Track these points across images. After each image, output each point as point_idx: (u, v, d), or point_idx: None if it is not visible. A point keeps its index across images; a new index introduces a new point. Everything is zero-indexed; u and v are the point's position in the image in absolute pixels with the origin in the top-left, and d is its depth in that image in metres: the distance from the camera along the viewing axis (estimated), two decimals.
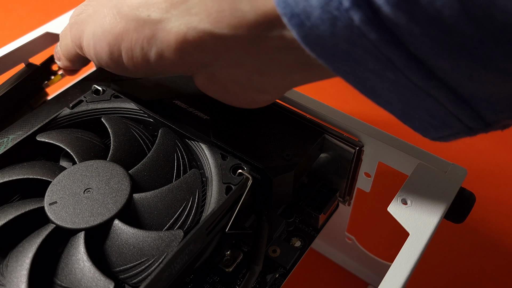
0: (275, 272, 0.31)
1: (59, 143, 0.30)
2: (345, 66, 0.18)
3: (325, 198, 0.34)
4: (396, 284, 0.24)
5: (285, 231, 0.33)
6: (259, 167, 0.29)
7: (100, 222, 0.25)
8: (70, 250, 0.25)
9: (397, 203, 0.27)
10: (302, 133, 0.31)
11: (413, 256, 0.25)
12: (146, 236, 0.25)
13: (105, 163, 0.28)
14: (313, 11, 0.16)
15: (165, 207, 0.27)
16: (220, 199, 0.27)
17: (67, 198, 0.26)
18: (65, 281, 0.24)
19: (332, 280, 0.46)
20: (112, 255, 0.25)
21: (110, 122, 0.31)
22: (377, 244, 0.47)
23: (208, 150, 0.29)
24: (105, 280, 0.23)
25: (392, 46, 0.16)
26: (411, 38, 0.16)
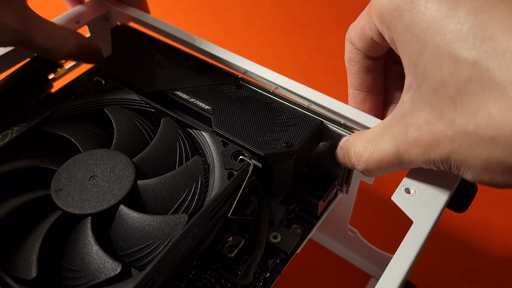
0: (276, 257, 0.31)
1: (63, 133, 0.30)
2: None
3: (324, 186, 0.34)
4: (400, 270, 0.25)
5: (285, 218, 0.34)
6: (260, 155, 0.30)
7: (106, 207, 0.26)
8: (78, 235, 0.25)
9: (401, 192, 0.28)
10: (302, 121, 0.32)
11: (417, 243, 0.26)
12: (151, 220, 0.26)
13: (109, 151, 0.29)
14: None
15: (169, 193, 0.27)
16: (223, 184, 0.27)
17: (73, 185, 0.27)
18: (73, 264, 0.25)
19: (335, 273, 0.47)
20: (118, 239, 0.26)
21: (113, 112, 0.32)
22: (379, 236, 0.47)
23: (210, 138, 0.30)
24: (113, 262, 0.24)
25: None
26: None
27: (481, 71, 0.20)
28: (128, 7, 0.41)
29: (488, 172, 0.22)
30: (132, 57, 0.38)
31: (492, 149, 0.20)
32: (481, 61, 0.20)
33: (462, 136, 0.21)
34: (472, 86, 0.21)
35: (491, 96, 0.20)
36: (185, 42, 0.38)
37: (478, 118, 0.20)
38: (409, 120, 0.24)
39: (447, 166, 0.24)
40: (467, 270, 0.46)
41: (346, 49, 0.31)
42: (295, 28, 0.73)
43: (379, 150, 0.26)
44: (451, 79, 0.22)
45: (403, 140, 0.25)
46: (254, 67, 0.36)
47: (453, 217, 0.48)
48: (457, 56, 0.21)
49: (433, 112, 0.23)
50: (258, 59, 0.36)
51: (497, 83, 0.20)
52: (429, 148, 0.23)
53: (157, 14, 0.41)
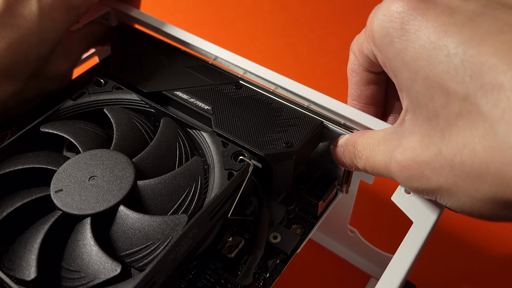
0: (276, 257, 0.31)
1: (63, 133, 0.30)
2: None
3: (324, 186, 0.34)
4: (400, 270, 0.25)
5: (285, 218, 0.34)
6: (260, 155, 0.30)
7: (106, 208, 0.26)
8: (77, 235, 0.25)
9: (401, 192, 0.28)
10: (302, 121, 0.32)
11: (417, 243, 0.26)
12: (151, 220, 0.25)
13: (109, 151, 0.29)
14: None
15: (169, 193, 0.27)
16: (223, 184, 0.27)
17: (73, 185, 0.27)
18: (73, 265, 0.24)
19: (335, 273, 0.47)
20: (118, 240, 0.26)
21: (112, 112, 0.32)
22: (379, 236, 0.47)
23: (210, 138, 0.30)
24: (112, 263, 0.24)
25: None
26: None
27: (470, 107, 0.20)
28: (128, 7, 0.41)
29: (476, 207, 0.21)
30: (132, 57, 0.38)
31: (479, 186, 0.20)
32: (470, 97, 0.20)
33: (447, 170, 0.21)
34: (462, 121, 0.21)
35: (477, 133, 0.20)
36: (185, 42, 0.38)
37: (464, 154, 0.20)
38: (402, 141, 0.24)
39: (433, 197, 0.24)
40: (467, 270, 0.46)
41: (350, 59, 0.31)
42: (295, 28, 0.73)
43: (374, 158, 0.27)
44: (442, 112, 0.21)
45: (389, 159, 0.25)
46: (254, 67, 0.35)
47: (453, 217, 0.48)
48: (448, 90, 0.21)
49: (422, 141, 0.23)
50: (258, 59, 0.36)
51: (484, 120, 0.20)
52: (412, 177, 0.23)
53: (157, 14, 0.40)
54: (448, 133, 0.21)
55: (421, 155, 0.22)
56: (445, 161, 0.21)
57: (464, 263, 0.47)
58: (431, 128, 0.22)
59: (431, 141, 0.22)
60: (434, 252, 0.47)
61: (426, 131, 0.23)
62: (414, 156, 0.23)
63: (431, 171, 0.22)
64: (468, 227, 0.49)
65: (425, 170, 0.22)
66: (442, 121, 0.22)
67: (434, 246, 0.47)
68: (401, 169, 0.24)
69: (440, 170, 0.22)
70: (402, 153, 0.24)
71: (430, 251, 0.46)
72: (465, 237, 0.49)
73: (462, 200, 0.22)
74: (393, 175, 0.25)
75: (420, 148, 0.23)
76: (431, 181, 0.22)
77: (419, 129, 0.23)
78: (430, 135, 0.22)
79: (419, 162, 0.23)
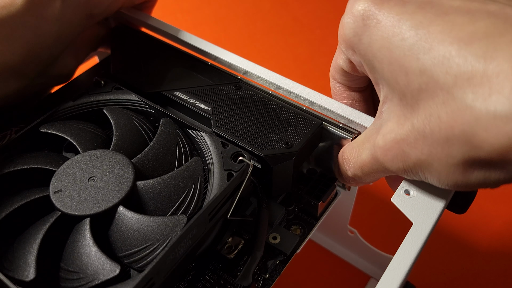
0: (275, 258, 0.31)
1: (62, 133, 0.30)
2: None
3: (324, 187, 0.34)
4: (400, 271, 0.25)
5: (285, 219, 0.34)
6: (260, 156, 0.30)
7: (105, 208, 0.26)
8: (76, 236, 0.25)
9: (401, 194, 0.28)
10: (302, 122, 0.32)
11: (416, 245, 0.26)
12: (150, 221, 0.25)
13: (108, 152, 0.29)
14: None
15: (168, 194, 0.27)
16: (222, 185, 0.27)
17: (72, 186, 0.27)
18: (71, 265, 0.24)
19: (335, 273, 0.47)
20: (117, 241, 0.26)
21: (112, 113, 0.32)
22: (379, 237, 0.47)
23: (209, 139, 0.30)
24: (111, 263, 0.24)
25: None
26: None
27: (427, 79, 0.22)
28: (128, 8, 0.41)
29: (451, 173, 0.23)
30: (132, 57, 0.38)
31: (449, 151, 0.22)
32: (425, 70, 0.22)
33: (421, 141, 0.23)
34: (423, 94, 0.22)
35: (438, 101, 0.22)
36: (185, 42, 0.38)
37: (432, 123, 0.22)
38: (381, 129, 0.26)
39: (416, 175, 0.25)
40: (467, 271, 0.46)
41: (331, 86, 0.33)
42: (295, 28, 0.73)
43: (360, 157, 0.29)
44: (407, 90, 0.23)
45: (374, 148, 0.26)
46: (254, 67, 0.35)
47: (453, 217, 0.48)
48: (406, 69, 0.23)
49: (398, 121, 0.24)
50: (258, 59, 0.36)
51: (441, 88, 0.21)
52: (396, 157, 0.25)
53: (157, 14, 0.40)
54: (416, 108, 0.23)
55: (399, 133, 0.24)
56: (418, 134, 0.23)
57: (464, 263, 0.47)
58: (403, 107, 0.24)
59: (405, 119, 0.24)
60: (434, 253, 0.47)
61: (400, 111, 0.24)
62: (393, 137, 0.25)
63: (409, 146, 0.24)
64: (468, 227, 0.49)
65: (404, 147, 0.24)
66: (409, 99, 0.23)
67: (434, 246, 0.47)
68: (386, 153, 0.25)
69: (416, 143, 0.23)
70: (383, 138, 0.25)
71: (430, 251, 0.46)
72: (465, 237, 0.49)
73: (438, 169, 0.23)
74: (381, 163, 0.26)
75: (397, 128, 0.24)
76: (410, 156, 0.24)
77: (394, 113, 0.25)
78: (404, 114, 0.24)
79: (397, 140, 0.24)
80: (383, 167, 0.26)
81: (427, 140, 0.22)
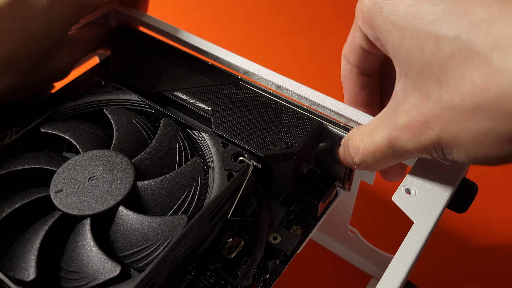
0: (276, 258, 0.31)
1: (63, 134, 0.30)
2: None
3: (324, 187, 0.34)
4: (400, 270, 0.25)
5: (285, 219, 0.34)
6: (260, 156, 0.30)
7: (106, 208, 0.26)
8: (77, 236, 0.25)
9: (401, 193, 0.28)
10: (302, 122, 0.32)
11: (417, 244, 0.26)
12: (150, 221, 0.25)
13: (108, 152, 0.29)
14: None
15: (169, 194, 0.27)
16: (222, 185, 0.27)
17: (72, 186, 0.27)
18: (72, 265, 0.24)
19: (335, 273, 0.47)
20: (117, 241, 0.26)
21: (112, 113, 0.32)
22: (380, 237, 0.47)
23: (210, 139, 0.30)
24: (112, 263, 0.24)
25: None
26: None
27: (461, 44, 0.21)
28: (128, 7, 0.41)
29: (480, 145, 0.21)
30: (132, 57, 0.38)
31: (480, 118, 0.20)
32: (460, 35, 0.21)
33: (449, 111, 0.21)
34: (454, 60, 0.21)
35: (473, 66, 0.20)
36: (185, 42, 0.38)
37: (463, 89, 0.21)
38: (400, 108, 0.25)
39: (440, 151, 0.23)
40: (467, 270, 0.46)
41: (342, 66, 0.32)
42: (295, 28, 0.73)
43: (373, 141, 0.27)
44: (434, 58, 0.22)
45: (393, 127, 0.25)
46: (254, 67, 0.35)
47: (453, 217, 0.48)
48: (437, 35, 0.22)
49: (421, 95, 0.23)
50: (258, 59, 0.36)
51: (477, 52, 0.20)
52: (419, 131, 0.23)
53: (157, 14, 0.40)
54: (444, 77, 0.22)
55: (424, 106, 0.23)
56: (446, 104, 0.22)
57: (464, 263, 0.47)
58: (425, 80, 0.23)
59: (429, 91, 0.23)
60: (435, 252, 0.47)
61: (422, 85, 0.23)
62: (419, 110, 0.23)
63: (435, 118, 0.22)
64: (468, 227, 0.49)
65: (429, 118, 0.23)
66: (434, 68, 0.22)
67: (434, 246, 0.47)
68: (409, 128, 0.24)
69: (442, 113, 0.22)
70: (406, 115, 0.24)
71: (430, 251, 0.46)
72: (465, 237, 0.49)
73: (466, 139, 0.21)
74: (399, 143, 0.25)
75: (421, 101, 0.23)
76: (435, 128, 0.22)
77: (414, 88, 0.24)
78: (426, 87, 0.23)
79: (423, 113, 0.23)
80: (400, 150, 0.25)
81: (456, 108, 0.21)
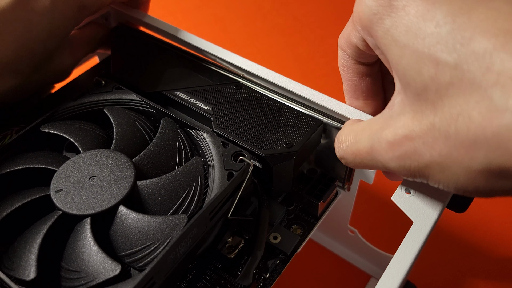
0: (276, 258, 0.31)
1: (63, 133, 0.30)
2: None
3: (324, 187, 0.34)
4: (400, 270, 0.25)
5: (285, 219, 0.34)
6: (260, 155, 0.30)
7: (106, 208, 0.26)
8: (77, 236, 0.25)
9: (401, 192, 0.28)
10: (302, 121, 0.32)
11: (417, 243, 0.26)
12: (151, 221, 0.25)
13: (109, 152, 0.29)
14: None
15: (169, 194, 0.27)
16: (223, 184, 0.27)
17: (73, 185, 0.27)
18: (72, 265, 0.24)
19: (335, 273, 0.47)
20: (118, 240, 0.26)
21: (112, 112, 0.32)
22: (379, 236, 0.47)
23: (210, 139, 0.30)
24: (112, 263, 0.24)
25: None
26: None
27: (462, 74, 0.20)
28: (128, 8, 0.41)
29: (472, 180, 0.21)
30: (132, 57, 0.38)
31: (475, 154, 0.20)
32: (461, 64, 0.20)
33: (442, 143, 0.21)
34: (453, 89, 0.20)
35: (471, 100, 0.19)
36: (185, 42, 0.38)
37: (459, 122, 0.20)
38: (390, 122, 0.24)
39: (424, 178, 0.23)
40: (467, 270, 0.46)
41: (339, 56, 0.30)
42: (295, 28, 0.73)
43: (357, 144, 0.26)
44: (432, 84, 0.21)
45: (378, 140, 0.24)
46: (254, 67, 0.35)
47: (453, 217, 0.48)
48: (437, 60, 0.21)
49: (414, 117, 0.22)
50: (258, 59, 0.36)
51: (478, 86, 0.19)
52: (404, 154, 0.23)
53: (157, 14, 0.40)
54: (440, 105, 0.21)
55: (414, 130, 0.22)
56: (439, 133, 0.21)
57: (464, 263, 0.47)
58: (421, 103, 0.22)
59: (423, 116, 0.22)
60: (434, 252, 0.47)
61: (417, 107, 0.22)
62: (406, 133, 0.22)
63: (424, 146, 0.22)
64: (468, 227, 0.49)
65: (418, 145, 0.22)
66: (432, 94, 0.21)
67: (434, 246, 0.47)
68: (393, 148, 0.23)
69: (434, 143, 0.21)
70: (392, 132, 0.23)
71: (430, 251, 0.46)
72: (465, 237, 0.49)
73: (457, 173, 0.21)
74: (380, 157, 0.24)
75: (412, 124, 0.22)
76: (424, 156, 0.22)
77: (410, 107, 0.23)
78: (421, 110, 0.22)
79: (411, 137, 0.22)
80: (379, 164, 0.25)
81: (449, 140, 0.20)
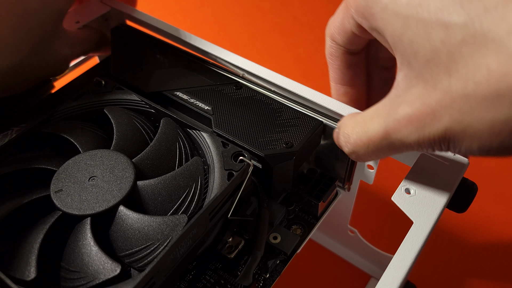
0: (276, 258, 0.31)
1: (63, 133, 0.30)
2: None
3: (324, 187, 0.34)
4: (400, 270, 0.25)
5: (285, 219, 0.34)
6: (260, 155, 0.30)
7: (106, 208, 0.26)
8: (77, 236, 0.25)
9: (401, 193, 0.28)
10: (302, 121, 0.32)
11: (417, 243, 0.26)
12: (151, 221, 0.25)
13: (109, 152, 0.29)
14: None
15: (169, 194, 0.27)
16: (223, 185, 0.27)
17: (73, 186, 0.27)
18: (72, 265, 0.24)
19: (335, 273, 0.47)
20: (117, 240, 0.26)
21: (112, 113, 0.32)
22: (379, 237, 0.47)
23: (210, 139, 0.30)
24: (112, 263, 0.24)
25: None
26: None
27: (474, 31, 0.20)
28: (128, 8, 0.41)
29: (496, 135, 0.20)
30: (132, 57, 0.38)
31: (498, 105, 0.19)
32: (472, 21, 0.20)
33: (461, 101, 0.20)
34: (466, 47, 0.20)
35: (488, 52, 0.19)
36: (185, 42, 0.38)
37: (477, 77, 0.19)
38: (401, 99, 0.23)
39: (446, 144, 0.22)
40: (467, 270, 0.46)
41: (327, 45, 0.30)
42: (295, 28, 0.73)
43: (367, 132, 0.25)
44: (443, 47, 0.21)
45: (393, 119, 0.23)
46: (254, 67, 0.35)
47: (453, 217, 0.48)
48: (446, 23, 0.21)
49: (427, 85, 0.22)
50: (258, 59, 0.36)
51: (492, 37, 0.19)
52: (423, 123, 0.22)
53: (157, 14, 0.40)
54: (455, 66, 0.20)
55: (430, 97, 0.21)
56: (457, 93, 0.20)
57: (463, 263, 0.47)
58: (433, 70, 0.21)
59: (437, 81, 0.21)
60: (434, 252, 0.47)
61: (428, 75, 0.22)
62: (424, 101, 0.22)
63: (443, 109, 0.21)
64: (468, 227, 0.49)
65: (436, 110, 0.21)
66: (443, 57, 0.21)
67: (434, 246, 0.47)
68: (412, 120, 0.22)
69: (453, 104, 0.21)
70: (409, 105, 0.23)
71: (430, 251, 0.46)
72: (465, 237, 0.49)
73: (480, 129, 0.20)
74: (398, 135, 0.23)
75: (427, 92, 0.22)
76: (443, 119, 0.21)
77: (418, 79, 0.22)
78: (433, 77, 0.21)
79: (429, 104, 0.21)
80: (396, 143, 0.24)
81: (470, 98, 0.20)
